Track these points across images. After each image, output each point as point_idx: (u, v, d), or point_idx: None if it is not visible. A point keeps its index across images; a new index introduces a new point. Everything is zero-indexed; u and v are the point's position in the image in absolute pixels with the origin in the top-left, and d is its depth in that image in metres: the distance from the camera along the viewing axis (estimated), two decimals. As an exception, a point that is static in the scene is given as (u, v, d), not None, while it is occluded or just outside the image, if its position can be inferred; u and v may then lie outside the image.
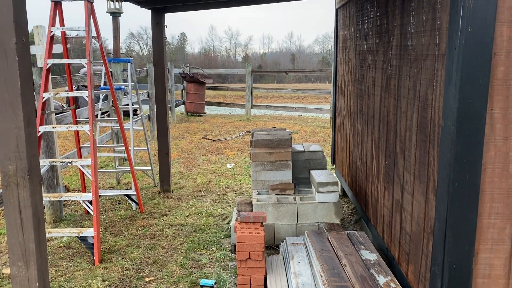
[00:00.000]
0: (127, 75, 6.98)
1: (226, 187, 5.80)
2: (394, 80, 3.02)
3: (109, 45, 32.36)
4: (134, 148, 5.68)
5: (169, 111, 11.36)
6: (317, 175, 3.97)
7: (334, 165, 5.85)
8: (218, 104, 14.41)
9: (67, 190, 5.57)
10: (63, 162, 3.94)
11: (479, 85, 1.97)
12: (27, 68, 2.24)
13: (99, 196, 4.91)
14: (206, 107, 13.78)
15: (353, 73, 4.45)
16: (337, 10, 5.37)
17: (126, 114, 11.15)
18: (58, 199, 3.89)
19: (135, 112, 11.15)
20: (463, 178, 2.06)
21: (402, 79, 2.85)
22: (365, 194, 3.91)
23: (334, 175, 5.45)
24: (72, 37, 4.28)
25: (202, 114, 13.28)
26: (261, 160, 4.14)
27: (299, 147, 4.55)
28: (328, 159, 6.66)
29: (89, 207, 3.92)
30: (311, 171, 4.17)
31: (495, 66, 1.97)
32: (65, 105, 11.27)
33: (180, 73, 13.29)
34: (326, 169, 4.35)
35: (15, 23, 2.16)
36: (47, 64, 3.92)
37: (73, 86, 5.14)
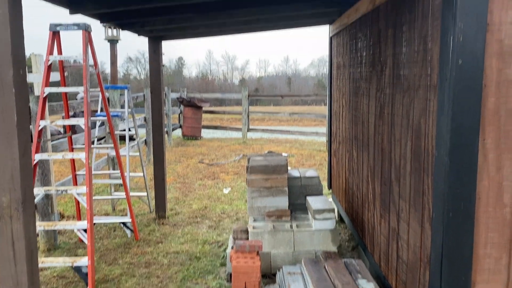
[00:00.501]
0: (124, 101, 7.02)
1: (222, 213, 5.77)
2: (388, 108, 3.05)
3: (107, 69, 32.65)
4: (130, 174, 5.66)
5: (166, 136, 11.41)
6: (314, 202, 3.96)
7: (330, 190, 5.84)
8: (215, 127, 14.47)
9: (62, 217, 5.52)
10: (58, 190, 3.92)
11: (470, 116, 2.00)
12: (23, 99, 2.26)
13: (94, 223, 4.87)
14: (203, 130, 13.83)
15: (348, 99, 4.50)
16: (331, 38, 5.47)
17: (122, 138, 11.17)
18: (52, 228, 3.85)
19: (131, 137, 11.17)
20: (458, 207, 2.06)
21: (395, 107, 2.89)
22: (361, 220, 3.89)
23: (331, 200, 5.44)
24: (70, 66, 4.32)
25: (199, 138, 13.31)
26: (257, 186, 4.14)
27: (295, 173, 4.56)
28: (325, 184, 6.66)
29: (84, 236, 3.88)
30: (307, 197, 4.16)
31: (486, 98, 2.01)
32: (61, 130, 11.27)
33: (177, 98, 13.39)
34: (322, 194, 4.35)
35: (13, 56, 2.19)
36: (44, 92, 3.95)
37: (70, 112, 5.16)
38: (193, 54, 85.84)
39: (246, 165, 4.49)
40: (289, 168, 4.99)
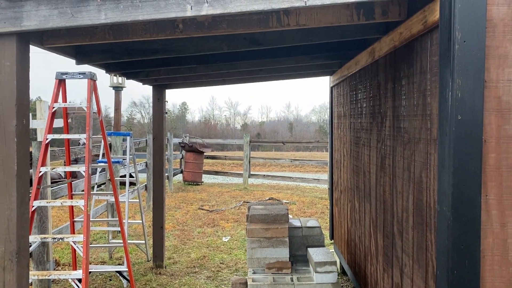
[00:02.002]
0: (126, 146, 7.06)
1: (221, 263, 5.63)
2: (389, 160, 3.05)
3: (111, 113, 33.12)
4: (129, 221, 5.58)
5: (167, 181, 11.37)
6: (315, 254, 3.87)
7: (332, 240, 5.72)
8: (216, 173, 14.44)
9: (58, 264, 5.39)
10: (55, 238, 3.86)
11: (472, 171, 1.99)
12: (24, 149, 2.27)
13: (90, 272, 4.74)
14: (203, 175, 13.80)
15: (349, 149, 4.51)
16: (331, 88, 5.57)
17: (122, 184, 11.13)
18: (47, 277, 3.75)
19: (132, 183, 11.14)
20: (462, 265, 2.00)
21: (396, 159, 2.89)
22: (364, 274, 3.78)
23: (333, 251, 5.32)
24: (74, 113, 4.38)
25: (200, 183, 13.25)
26: (257, 237, 4.06)
27: (296, 222, 4.49)
28: (326, 233, 6.54)
29: (78, 287, 3.76)
30: (308, 248, 4.07)
31: (486, 153, 2.01)
32: (62, 174, 11.27)
33: (179, 142, 13.48)
34: (324, 246, 4.25)
35: (17, 106, 2.22)
36: (47, 139, 3.97)
37: (71, 157, 5.18)
38: (197, 100, 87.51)
39: (246, 214, 4.43)
40: (290, 217, 4.93)
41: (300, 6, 2.11)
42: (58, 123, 4.48)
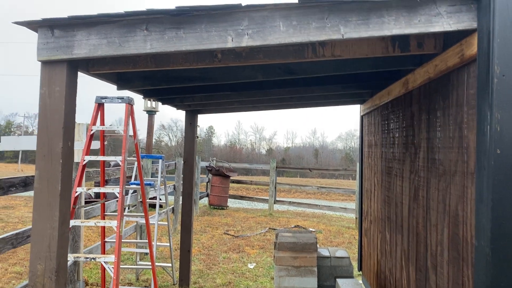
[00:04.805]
0: (156, 169, 7.20)
1: (247, 289, 5.58)
2: (423, 191, 3.01)
3: (140, 135, 33.85)
4: (157, 243, 5.64)
5: (193, 204, 11.46)
6: (344, 285, 3.81)
7: (360, 271, 5.60)
8: (241, 197, 14.45)
9: (86, 284, 5.47)
10: (87, 258, 3.94)
11: (511, 206, 1.95)
12: (68, 170, 2.37)
13: (117, 293, 4.78)
14: (228, 199, 13.83)
15: (380, 179, 4.47)
16: (362, 117, 5.57)
17: (151, 206, 11.28)
18: (77, 296, 3.81)
19: (160, 205, 11.28)
20: (503, 304, 1.94)
21: (430, 191, 2.85)
22: (395, 308, 3.68)
23: (361, 283, 5.21)
24: (110, 136, 4.53)
25: (225, 207, 13.27)
26: (285, 265, 4.03)
27: (324, 252, 4.44)
28: (355, 264, 6.41)
29: (107, 307, 3.81)
30: (337, 279, 4.01)
31: (527, 188, 1.97)
32: (92, 194, 11.52)
33: (206, 166, 13.61)
34: (353, 277, 4.18)
35: (64, 129, 2.33)
36: (84, 160, 4.12)
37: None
38: (223, 124, 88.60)
39: (274, 241, 4.41)
40: (317, 246, 4.87)
41: (337, 38, 2.16)
42: (94, 145, 4.63)
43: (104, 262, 3.92)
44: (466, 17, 2.10)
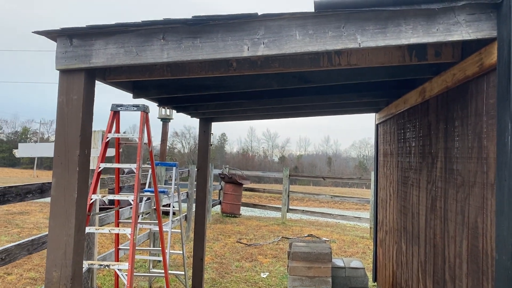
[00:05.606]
0: (169, 176, 7.22)
1: (259, 299, 5.54)
2: (440, 202, 2.96)
3: (155, 141, 34.10)
4: (170, 251, 5.64)
5: (206, 212, 11.46)
6: (359, 296, 3.75)
7: (375, 283, 5.52)
8: (254, 205, 14.41)
9: (99, 291, 5.49)
10: (102, 265, 3.95)
11: (534, 219, 1.90)
12: (84, 178, 2.39)
13: (130, 300, 4.79)
14: (241, 207, 13.80)
15: (395, 188, 4.41)
16: (377, 126, 5.52)
17: (164, 213, 11.31)
18: (91, 303, 3.83)
19: (174, 213, 11.31)
20: (525, 320, 1.88)
21: (448, 202, 2.80)
22: (411, 320, 3.61)
23: (376, 294, 5.12)
24: (125, 143, 4.57)
25: (238, 215, 13.24)
26: (299, 275, 3.99)
27: (339, 262, 4.38)
28: (369, 275, 6.31)
29: (120, 314, 3.81)
30: (351, 290, 3.95)
31: (550, 201, 1.91)
32: (106, 201, 11.61)
33: (219, 173, 13.62)
34: (367, 288, 4.12)
35: (81, 137, 2.35)
36: (99, 167, 4.15)
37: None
38: (236, 131, 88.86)
39: (287, 250, 4.38)
40: (332, 256, 4.82)
41: (353, 47, 2.15)
42: (109, 152, 4.67)
43: (118, 269, 3.93)
44: (486, 25, 2.07)
